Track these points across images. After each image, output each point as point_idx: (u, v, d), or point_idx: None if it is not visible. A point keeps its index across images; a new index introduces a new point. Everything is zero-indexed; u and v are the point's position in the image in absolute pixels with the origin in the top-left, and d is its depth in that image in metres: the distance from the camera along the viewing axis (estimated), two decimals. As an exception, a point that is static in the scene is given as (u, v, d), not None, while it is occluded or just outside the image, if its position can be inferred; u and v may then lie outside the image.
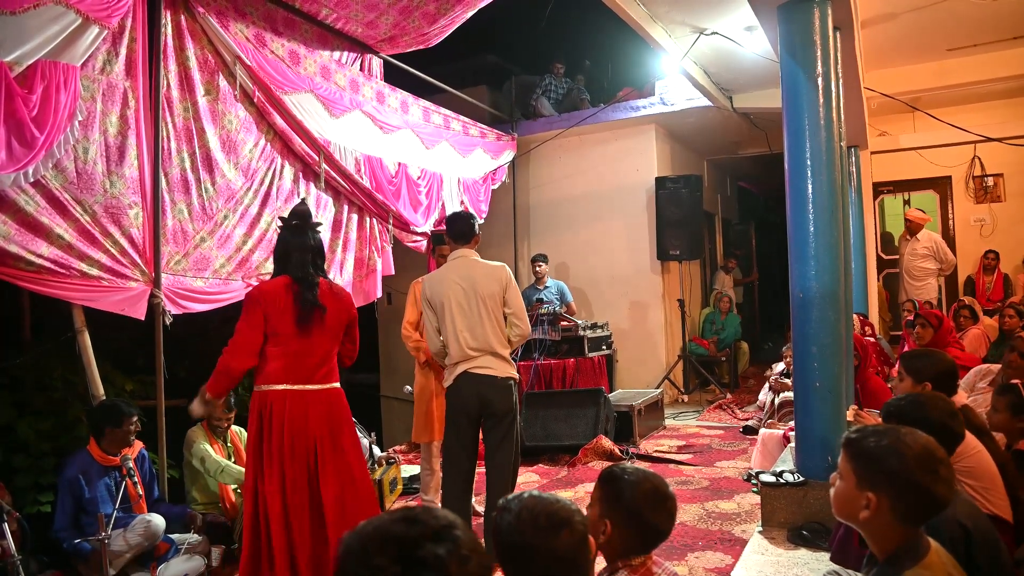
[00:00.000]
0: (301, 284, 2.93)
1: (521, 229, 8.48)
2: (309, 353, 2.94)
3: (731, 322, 8.78)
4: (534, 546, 1.36)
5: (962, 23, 5.83)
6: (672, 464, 5.19)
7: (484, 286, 3.40)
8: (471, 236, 3.54)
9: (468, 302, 3.39)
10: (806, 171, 3.41)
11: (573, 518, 1.40)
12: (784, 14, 3.55)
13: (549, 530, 1.37)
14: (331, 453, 2.92)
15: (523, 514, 1.39)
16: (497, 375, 3.39)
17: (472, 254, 3.52)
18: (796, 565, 2.99)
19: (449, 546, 0.91)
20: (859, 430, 1.57)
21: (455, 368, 3.43)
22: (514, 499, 1.44)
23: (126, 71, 3.76)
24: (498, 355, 3.40)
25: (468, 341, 3.37)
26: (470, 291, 3.39)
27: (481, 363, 3.38)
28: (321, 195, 5.13)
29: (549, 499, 1.43)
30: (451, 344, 3.42)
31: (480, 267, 3.47)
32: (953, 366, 2.81)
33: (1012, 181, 8.09)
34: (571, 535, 1.38)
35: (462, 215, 3.65)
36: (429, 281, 3.54)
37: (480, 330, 3.37)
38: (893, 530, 1.47)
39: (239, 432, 4.34)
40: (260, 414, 2.89)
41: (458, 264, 3.49)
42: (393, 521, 0.95)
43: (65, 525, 3.31)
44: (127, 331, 4.54)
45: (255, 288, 3.02)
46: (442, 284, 3.45)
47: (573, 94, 8.53)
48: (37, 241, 3.35)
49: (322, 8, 4.92)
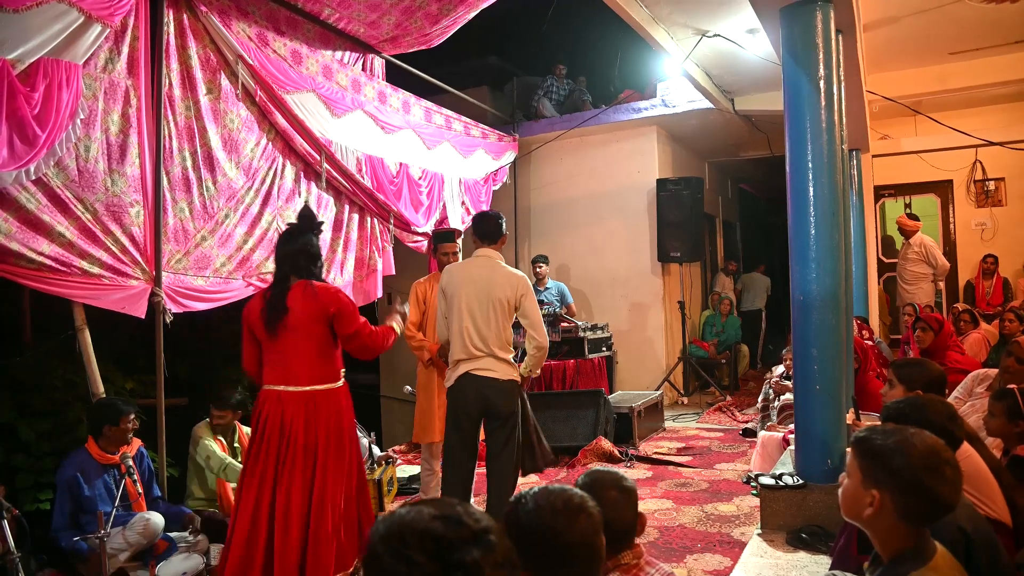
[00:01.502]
0: (271, 289, 3.03)
1: (522, 230, 8.49)
2: (283, 354, 2.99)
3: (731, 324, 8.78)
4: (553, 530, 1.38)
5: (964, 27, 5.83)
6: (671, 466, 5.19)
7: (499, 290, 3.40)
8: (498, 237, 3.52)
9: (480, 302, 3.38)
10: (807, 174, 3.41)
11: (587, 503, 1.44)
12: (786, 17, 3.55)
13: (567, 514, 1.40)
14: (301, 452, 2.94)
15: (540, 501, 1.43)
16: (499, 377, 3.38)
17: (496, 256, 3.52)
18: (795, 568, 2.99)
19: (486, 552, 0.91)
20: (868, 429, 1.59)
21: (457, 367, 3.43)
22: (527, 492, 1.47)
23: (128, 69, 3.76)
24: (500, 358, 3.40)
25: (472, 341, 3.37)
26: (483, 292, 3.39)
27: (483, 364, 3.38)
28: (322, 195, 5.13)
29: (563, 487, 1.47)
30: (455, 340, 3.42)
31: (500, 271, 3.46)
32: (942, 374, 2.85)
33: (1013, 185, 8.09)
34: (588, 520, 1.41)
35: (490, 215, 3.62)
36: (448, 271, 3.55)
37: (486, 331, 3.37)
38: (897, 530, 1.47)
39: (248, 432, 4.35)
40: (255, 414, 3.06)
41: (480, 263, 3.49)
42: (433, 517, 0.93)
43: (63, 524, 3.31)
44: (127, 330, 4.54)
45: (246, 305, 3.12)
46: (459, 278, 3.45)
47: (575, 95, 8.53)
48: (38, 239, 3.35)
49: (324, 8, 4.92)
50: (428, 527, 0.92)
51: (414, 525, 0.92)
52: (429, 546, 0.90)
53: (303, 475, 2.93)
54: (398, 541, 0.91)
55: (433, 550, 0.89)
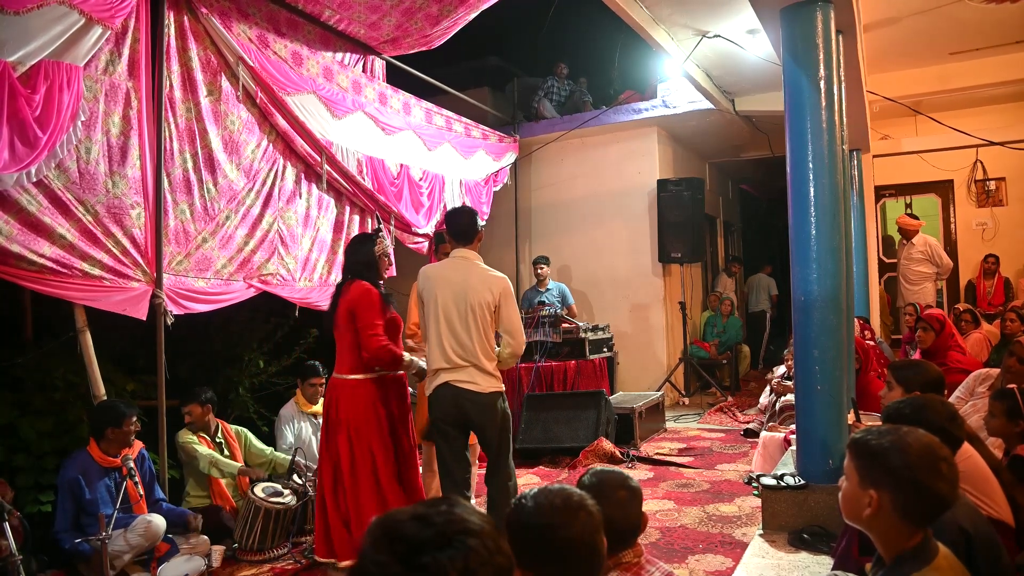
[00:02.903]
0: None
1: (523, 231, 8.49)
2: (337, 345, 3.41)
3: (732, 325, 8.78)
4: (552, 527, 1.39)
5: (964, 27, 5.83)
6: (673, 467, 5.19)
7: (476, 294, 3.19)
8: (472, 235, 3.32)
9: (457, 307, 3.19)
10: (808, 174, 3.41)
11: (586, 501, 1.44)
12: (787, 17, 3.55)
13: (566, 512, 1.40)
14: (341, 431, 3.32)
15: (540, 499, 1.43)
16: (481, 391, 3.19)
17: (473, 256, 3.32)
18: (797, 569, 2.99)
19: (455, 555, 0.87)
20: (863, 431, 1.60)
21: (436, 376, 3.24)
22: (528, 492, 1.48)
23: (129, 71, 3.77)
24: (483, 369, 3.19)
25: (451, 349, 3.18)
26: (460, 296, 3.19)
27: (464, 376, 3.17)
28: (323, 196, 5.13)
29: (563, 487, 1.48)
30: (432, 348, 3.23)
31: (477, 272, 3.25)
32: (940, 376, 2.84)
33: (1014, 185, 8.09)
34: (589, 516, 1.41)
35: (463, 210, 3.43)
36: (423, 274, 3.37)
37: (466, 339, 3.17)
38: (898, 530, 1.48)
39: (238, 431, 4.34)
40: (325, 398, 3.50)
41: (455, 264, 3.30)
42: (411, 518, 0.91)
43: (66, 526, 3.31)
44: (128, 331, 4.54)
45: None
46: (434, 282, 3.27)
47: (575, 96, 8.54)
48: (39, 241, 3.36)
49: (325, 9, 4.93)
50: (400, 528, 0.90)
51: (390, 526, 0.91)
52: (399, 547, 0.88)
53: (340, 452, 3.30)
54: (374, 540, 0.90)
55: (402, 552, 0.88)
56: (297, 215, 4.90)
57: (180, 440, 4.07)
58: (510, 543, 1.45)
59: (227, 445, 4.21)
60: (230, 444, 4.22)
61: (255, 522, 3.71)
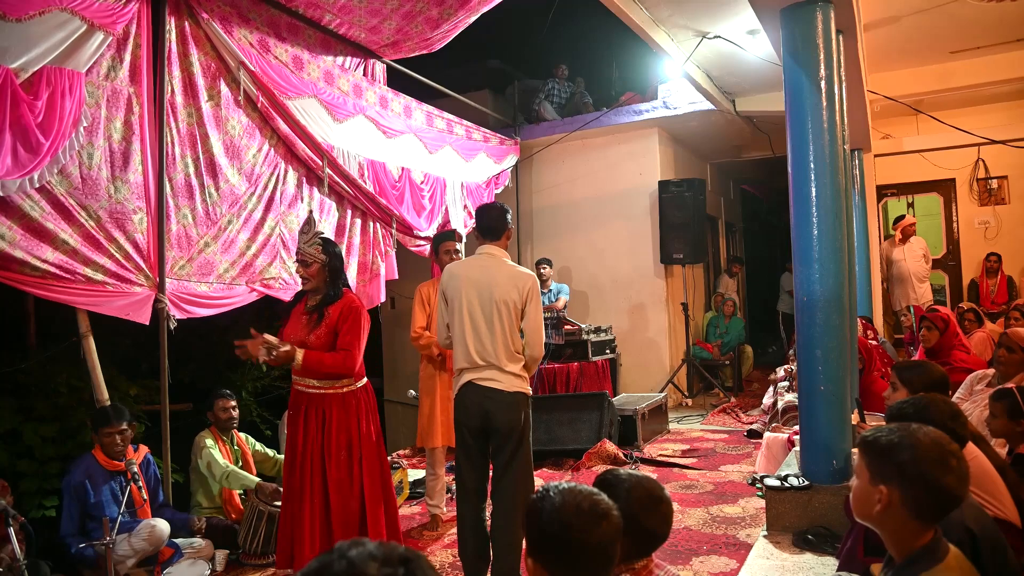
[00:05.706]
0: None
1: (524, 233, 8.49)
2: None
3: (735, 326, 8.77)
4: (572, 528, 1.38)
5: (965, 26, 5.83)
6: (676, 468, 5.18)
7: (503, 291, 3.07)
8: (501, 231, 3.20)
9: (482, 306, 3.07)
10: (809, 174, 3.41)
11: (612, 511, 1.43)
12: (787, 17, 3.55)
13: (591, 517, 1.39)
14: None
15: (567, 497, 1.41)
16: (504, 388, 3.05)
17: (500, 253, 3.19)
18: (801, 570, 2.98)
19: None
20: (873, 429, 1.60)
21: (460, 376, 3.14)
22: (554, 487, 1.46)
23: (130, 77, 3.78)
24: (507, 370, 3.07)
25: (476, 349, 3.07)
26: (486, 294, 3.07)
27: (488, 375, 3.07)
28: (324, 200, 5.14)
29: (590, 490, 1.46)
30: (457, 347, 3.13)
31: (505, 270, 3.13)
32: (944, 376, 2.83)
33: (1017, 183, 8.08)
34: (609, 526, 1.40)
35: (493, 206, 3.29)
36: (448, 272, 3.23)
37: (488, 340, 3.06)
38: (908, 527, 1.48)
39: (247, 439, 4.35)
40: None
41: (481, 261, 3.16)
42: (339, 556, 0.88)
43: (72, 530, 3.32)
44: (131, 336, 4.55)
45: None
46: (459, 280, 3.13)
47: (576, 98, 8.54)
48: (42, 246, 3.37)
49: (325, 13, 4.94)
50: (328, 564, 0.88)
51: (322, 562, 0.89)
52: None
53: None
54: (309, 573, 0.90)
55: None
56: (299, 219, 4.91)
57: (200, 444, 4.04)
58: (525, 529, 1.45)
59: (242, 454, 4.22)
60: (244, 453, 4.22)
61: (259, 526, 3.72)
